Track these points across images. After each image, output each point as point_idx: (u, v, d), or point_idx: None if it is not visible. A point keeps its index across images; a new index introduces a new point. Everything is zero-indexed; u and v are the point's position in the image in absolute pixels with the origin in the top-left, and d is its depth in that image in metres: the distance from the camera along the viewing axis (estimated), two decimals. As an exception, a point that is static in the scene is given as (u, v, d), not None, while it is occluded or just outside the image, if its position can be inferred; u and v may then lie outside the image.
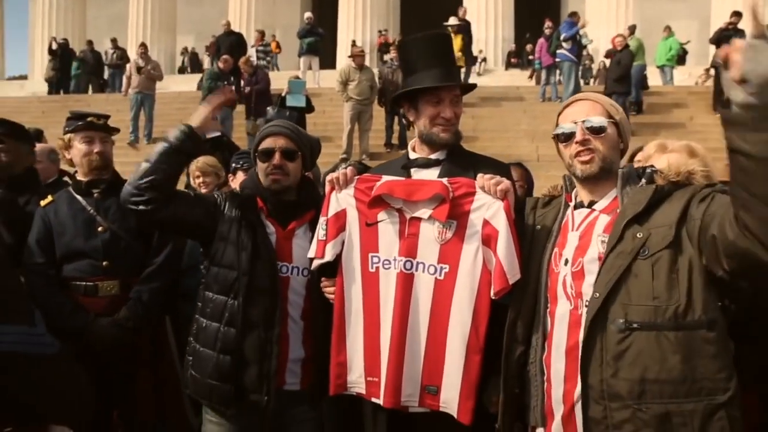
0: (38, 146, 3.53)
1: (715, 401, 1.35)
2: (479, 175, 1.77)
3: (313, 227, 1.99)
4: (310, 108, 9.04)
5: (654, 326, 1.39)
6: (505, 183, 1.72)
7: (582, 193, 1.66)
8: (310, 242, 1.94)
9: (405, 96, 1.95)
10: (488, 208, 1.72)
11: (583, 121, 1.61)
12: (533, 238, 1.72)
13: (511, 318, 1.67)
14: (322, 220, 1.87)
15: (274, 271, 1.97)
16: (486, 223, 1.72)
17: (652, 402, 1.38)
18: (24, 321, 1.12)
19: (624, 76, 10.28)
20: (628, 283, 1.44)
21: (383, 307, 1.78)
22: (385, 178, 1.85)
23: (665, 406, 1.36)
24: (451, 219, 1.74)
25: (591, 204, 1.63)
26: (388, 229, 1.80)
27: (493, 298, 1.69)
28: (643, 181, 1.60)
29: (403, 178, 1.85)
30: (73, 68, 15.55)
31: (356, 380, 1.82)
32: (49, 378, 1.11)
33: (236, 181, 3.05)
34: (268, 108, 8.97)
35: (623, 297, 1.44)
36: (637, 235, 1.47)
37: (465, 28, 12.07)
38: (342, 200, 1.86)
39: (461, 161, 1.92)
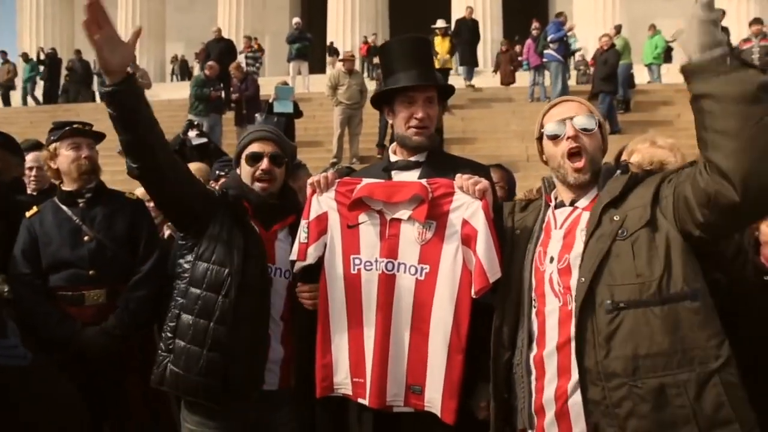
0: (40, 153, 3.50)
1: (708, 368, 1.37)
2: (458, 176, 1.78)
3: (293, 231, 2.01)
4: (297, 113, 9.06)
5: (640, 303, 1.42)
6: (484, 183, 1.74)
7: (564, 194, 1.69)
8: (291, 245, 1.96)
9: (384, 99, 1.97)
10: (467, 207, 1.74)
11: (572, 119, 1.63)
12: (513, 242, 1.73)
13: (497, 324, 1.69)
14: (303, 223, 1.88)
15: (265, 270, 1.99)
16: (465, 222, 1.73)
17: (646, 377, 1.40)
18: None
19: (611, 75, 10.35)
20: (611, 264, 1.47)
21: (366, 309, 1.79)
22: (366, 180, 1.87)
23: (659, 379, 1.39)
24: (431, 219, 1.76)
25: (573, 203, 1.66)
26: (369, 231, 1.81)
27: (474, 297, 1.70)
28: (618, 171, 1.64)
29: (383, 180, 1.86)
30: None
31: (342, 381, 1.83)
32: (22, 391, 1.09)
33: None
34: (256, 114, 8.97)
35: (607, 278, 1.47)
36: (614, 218, 1.51)
37: (472, 29, 12.50)
38: (323, 203, 1.87)
39: (441, 164, 1.93)
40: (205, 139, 5.86)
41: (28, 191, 3.10)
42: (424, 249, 1.76)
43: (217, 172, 3.13)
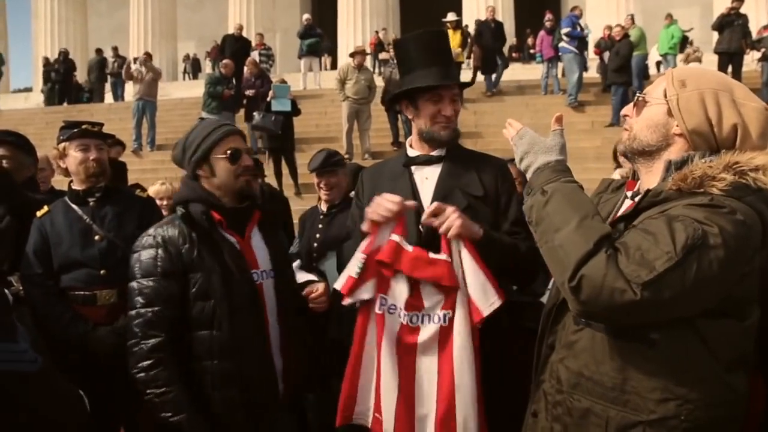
0: (43, 155, 3.53)
1: (637, 417, 1.28)
2: (426, 211, 1.78)
3: (262, 228, 1.97)
4: (296, 111, 9.04)
5: (600, 327, 1.35)
6: (452, 224, 1.73)
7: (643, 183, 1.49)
8: (265, 242, 1.93)
9: (403, 94, 1.96)
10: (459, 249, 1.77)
11: None
12: None
13: (548, 306, 1.60)
14: (360, 255, 1.81)
15: (252, 286, 1.87)
16: (460, 261, 1.76)
17: (581, 395, 1.37)
18: (6, 337, 1.08)
19: (623, 67, 10.20)
20: None
21: (389, 350, 1.79)
22: (395, 239, 1.79)
23: (591, 402, 1.35)
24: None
25: (634, 195, 1.48)
26: (399, 276, 1.81)
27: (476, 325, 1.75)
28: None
29: (411, 248, 1.79)
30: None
31: (362, 413, 1.84)
32: (32, 396, 1.08)
33: None
34: (254, 113, 8.97)
35: None
36: (617, 234, 1.39)
37: (495, 31, 11.82)
38: (383, 236, 1.81)
39: (461, 159, 1.96)
40: None
41: None
42: (446, 297, 1.79)
43: None
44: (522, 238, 1.86)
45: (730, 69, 10.56)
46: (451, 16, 11.59)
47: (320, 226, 3.21)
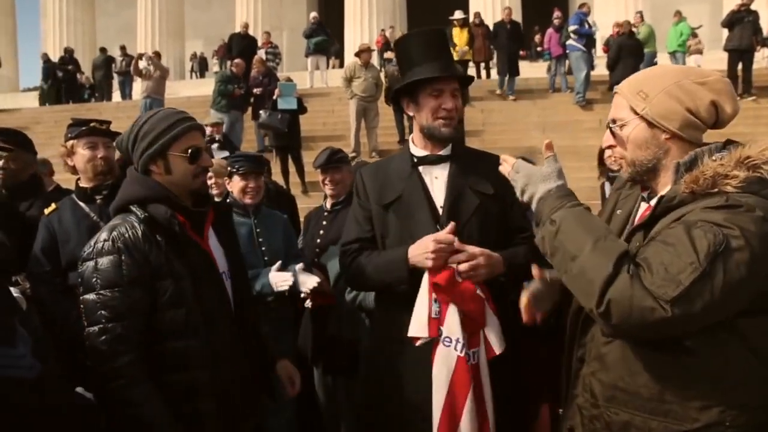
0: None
1: (681, 427, 1.25)
2: (446, 229, 1.79)
3: (214, 227, 1.86)
4: (302, 109, 9.04)
5: (630, 339, 1.32)
6: (477, 274, 1.77)
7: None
8: (219, 242, 1.87)
9: (405, 91, 1.95)
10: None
11: None
12: (611, 221, 1.54)
13: (572, 311, 1.57)
14: (433, 296, 1.79)
15: (222, 290, 1.78)
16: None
17: (618, 408, 1.33)
18: (4, 341, 1.06)
19: (615, 63, 10.15)
20: None
21: (441, 384, 1.79)
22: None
23: (630, 414, 1.32)
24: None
25: (650, 197, 1.44)
26: (452, 310, 1.80)
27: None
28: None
29: (461, 279, 1.79)
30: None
31: None
32: (24, 403, 1.05)
33: (234, 186, 2.97)
34: (260, 111, 8.98)
35: None
36: (636, 243, 1.36)
37: (511, 32, 11.36)
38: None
39: (467, 157, 1.97)
40: (226, 152, 5.92)
41: None
42: (474, 335, 1.82)
43: (228, 168, 3.05)
44: (531, 236, 1.85)
45: (740, 66, 10.46)
46: (458, 14, 11.53)
47: (324, 222, 3.25)
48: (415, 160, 1.98)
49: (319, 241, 3.19)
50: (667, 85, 1.31)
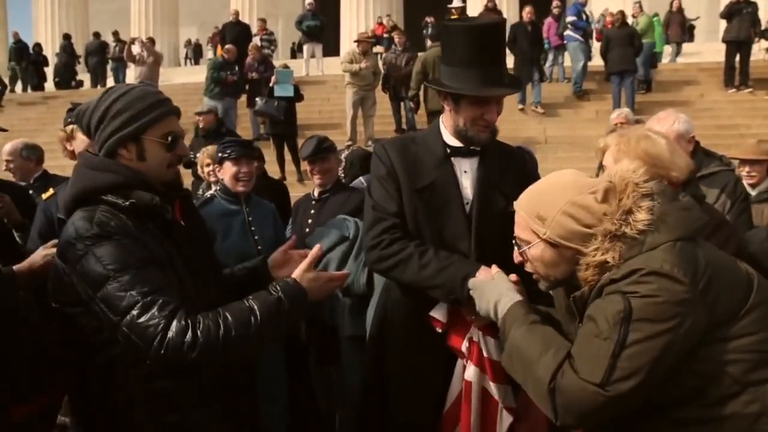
0: (8, 145, 3.59)
1: None
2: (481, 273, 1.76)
3: (182, 215, 1.63)
4: (298, 97, 8.99)
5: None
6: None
7: None
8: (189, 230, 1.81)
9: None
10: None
11: None
12: None
13: None
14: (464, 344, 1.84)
15: (220, 277, 1.69)
16: None
17: None
18: None
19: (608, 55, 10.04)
20: None
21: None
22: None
23: None
24: None
25: None
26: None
27: None
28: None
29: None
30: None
31: None
32: None
33: (225, 172, 2.84)
34: (257, 99, 8.92)
35: None
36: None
37: (532, 34, 10.35)
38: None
39: (497, 155, 1.95)
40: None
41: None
42: None
43: (220, 154, 2.90)
44: None
45: (737, 58, 10.46)
46: (456, 2, 11.42)
47: (312, 211, 3.28)
48: (449, 150, 1.91)
49: (307, 230, 3.20)
50: (562, 206, 1.31)
